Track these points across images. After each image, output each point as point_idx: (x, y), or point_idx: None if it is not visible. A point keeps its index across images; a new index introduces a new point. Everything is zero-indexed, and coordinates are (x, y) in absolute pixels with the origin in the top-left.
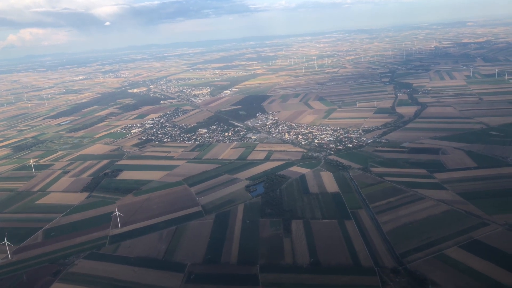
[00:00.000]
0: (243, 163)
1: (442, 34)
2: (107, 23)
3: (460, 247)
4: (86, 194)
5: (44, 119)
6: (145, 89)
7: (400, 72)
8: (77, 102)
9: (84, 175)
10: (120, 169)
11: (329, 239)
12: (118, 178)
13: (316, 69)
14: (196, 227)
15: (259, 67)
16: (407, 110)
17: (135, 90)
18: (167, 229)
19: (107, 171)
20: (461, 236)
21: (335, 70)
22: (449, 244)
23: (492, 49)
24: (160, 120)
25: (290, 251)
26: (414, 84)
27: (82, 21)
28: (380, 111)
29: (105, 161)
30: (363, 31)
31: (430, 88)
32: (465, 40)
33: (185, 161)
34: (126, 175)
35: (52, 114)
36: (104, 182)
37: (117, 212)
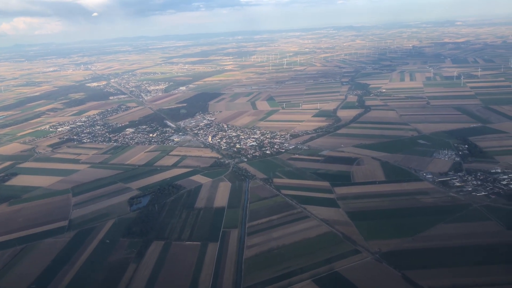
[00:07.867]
0: (147, 169)
1: (427, 33)
2: (95, 14)
3: (315, 281)
4: None
5: None
6: (104, 83)
7: (365, 72)
8: (29, 95)
9: None
10: (17, 173)
11: (179, 266)
12: (7, 183)
13: (285, 66)
14: (45, 247)
15: (230, 62)
16: (348, 114)
17: (94, 84)
18: (13, 248)
19: (1, 174)
20: (323, 267)
21: (303, 68)
22: (304, 277)
23: (467, 50)
24: (95, 117)
25: (127, 281)
26: (371, 85)
27: (70, 10)
28: (320, 114)
29: (8, 163)
30: (352, 28)
31: (384, 90)
32: (446, 40)
33: (88, 165)
34: (18, 180)
35: None
36: None
37: None
